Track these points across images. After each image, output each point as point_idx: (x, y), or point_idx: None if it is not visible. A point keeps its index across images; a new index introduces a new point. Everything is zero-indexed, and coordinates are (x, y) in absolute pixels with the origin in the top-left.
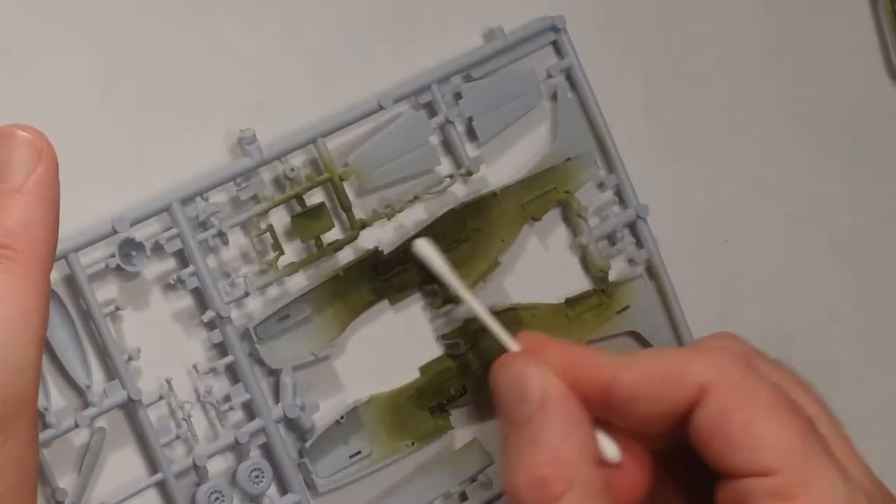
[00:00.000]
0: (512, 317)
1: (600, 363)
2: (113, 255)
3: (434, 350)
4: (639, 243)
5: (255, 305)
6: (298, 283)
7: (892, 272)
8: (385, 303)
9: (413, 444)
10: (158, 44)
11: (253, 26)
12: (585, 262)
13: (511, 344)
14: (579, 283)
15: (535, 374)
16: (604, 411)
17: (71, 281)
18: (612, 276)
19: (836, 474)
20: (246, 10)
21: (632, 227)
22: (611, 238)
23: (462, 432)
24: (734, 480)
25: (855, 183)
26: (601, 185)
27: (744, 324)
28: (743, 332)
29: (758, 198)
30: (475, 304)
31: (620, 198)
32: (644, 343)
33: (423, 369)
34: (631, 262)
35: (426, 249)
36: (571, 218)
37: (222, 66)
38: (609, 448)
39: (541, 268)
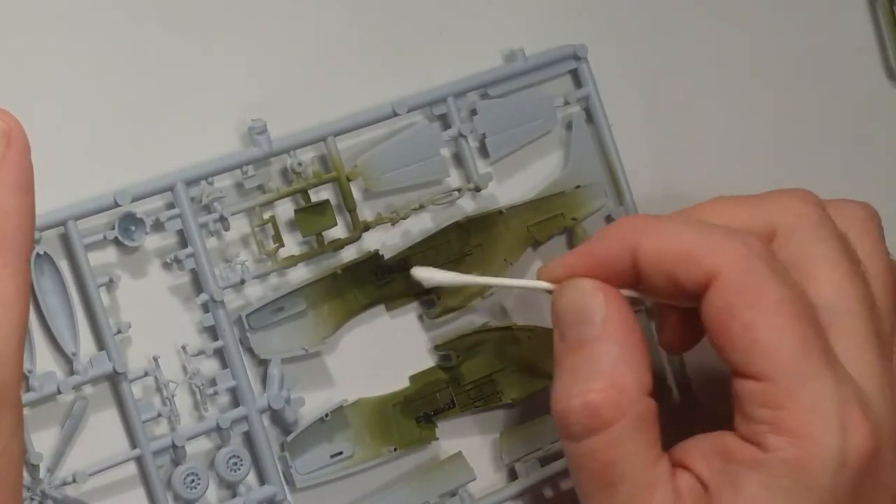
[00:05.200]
0: (508, 336)
1: (623, 237)
2: (112, 228)
3: (426, 360)
4: None
5: (250, 295)
6: (296, 277)
7: None
8: (381, 307)
9: (396, 450)
10: (185, 27)
11: (282, 20)
12: None
13: (546, 285)
14: None
15: (597, 296)
16: (635, 283)
17: (68, 248)
18: None
19: (830, 382)
20: (278, 1)
21: None
22: None
23: (447, 445)
24: (734, 376)
25: (854, 183)
26: (609, 218)
27: None
28: None
29: None
30: (494, 279)
31: None
32: None
33: (414, 378)
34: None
35: (425, 273)
36: (576, 245)
37: (244, 55)
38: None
39: (541, 293)
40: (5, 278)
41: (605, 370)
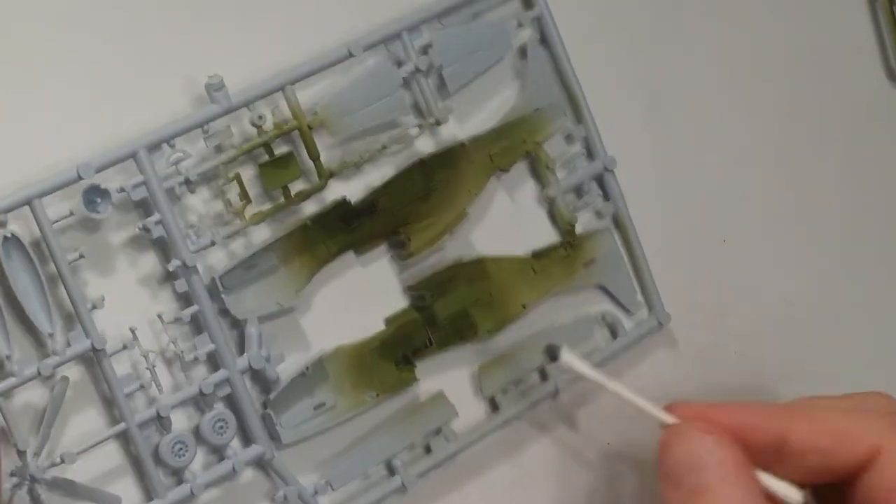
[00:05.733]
0: (478, 268)
1: (771, 416)
2: (79, 203)
3: (400, 302)
4: (605, 196)
5: (219, 258)
6: (264, 234)
7: (892, 271)
8: (351, 255)
9: (377, 395)
10: None
11: None
12: (553, 215)
13: (669, 419)
14: (546, 235)
15: (710, 442)
16: (772, 464)
17: (34, 227)
18: (578, 229)
19: None
20: None
21: (599, 179)
22: (578, 190)
23: (427, 384)
24: None
25: (854, 183)
26: (569, 137)
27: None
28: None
29: (757, 198)
30: (628, 393)
31: (588, 150)
32: (610, 297)
33: (389, 321)
34: (598, 214)
35: (573, 360)
36: (540, 170)
37: (188, 12)
38: (793, 494)
39: (508, 220)
40: None
41: None
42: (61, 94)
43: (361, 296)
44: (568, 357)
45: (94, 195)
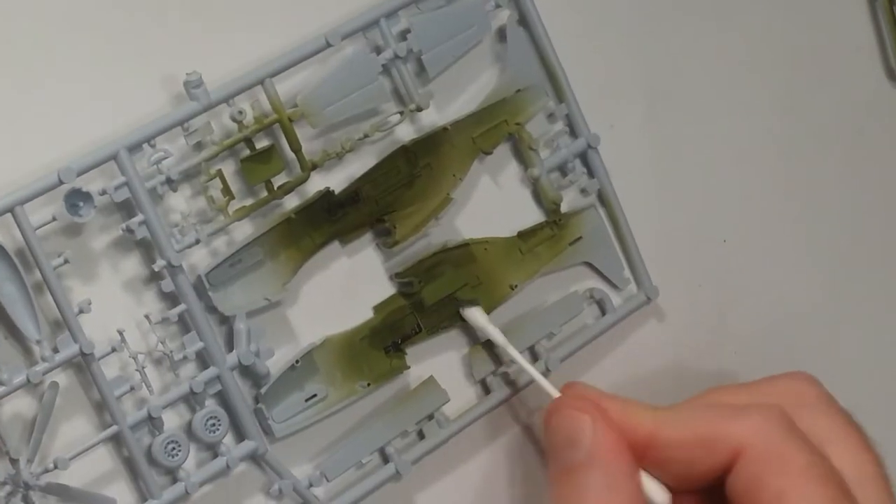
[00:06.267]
0: (465, 253)
1: (638, 419)
2: (61, 208)
3: (387, 289)
4: (590, 173)
5: (202, 255)
6: (248, 230)
7: (892, 271)
8: (336, 245)
9: (369, 384)
10: None
11: None
12: (537, 195)
13: (555, 392)
14: (532, 215)
15: (586, 421)
16: (647, 466)
17: (18, 234)
18: (563, 208)
19: None
20: None
21: (583, 156)
22: (562, 169)
23: (417, 370)
24: None
25: (854, 183)
26: (551, 116)
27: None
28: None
29: (757, 198)
30: (523, 361)
31: (571, 128)
32: (598, 274)
33: (377, 308)
34: (583, 192)
35: (477, 317)
36: (523, 150)
37: (162, 10)
38: (658, 493)
39: (493, 202)
40: None
41: (594, 499)
42: (37, 99)
43: (348, 286)
44: (470, 313)
45: (77, 199)
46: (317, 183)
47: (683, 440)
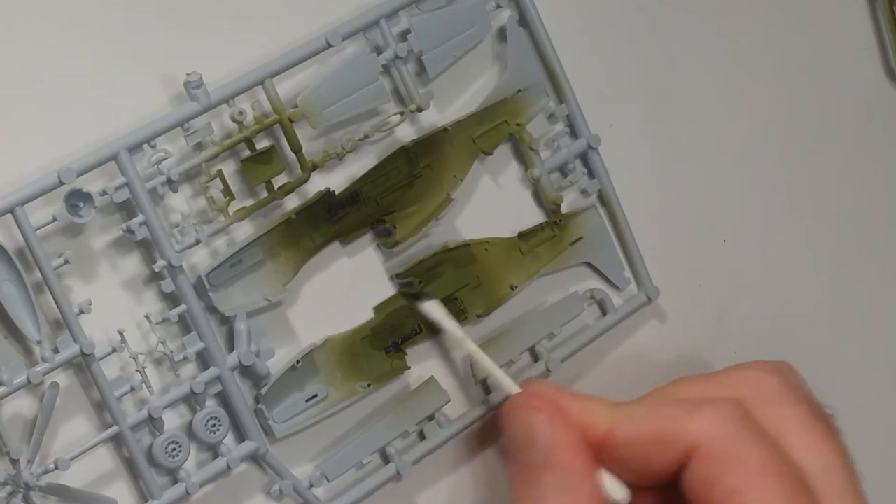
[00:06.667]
0: (465, 253)
1: (595, 417)
2: (61, 208)
3: (388, 289)
4: (590, 173)
5: (203, 256)
6: (248, 230)
7: (892, 271)
8: (337, 246)
9: (369, 385)
10: None
11: None
12: (538, 195)
13: (514, 388)
14: (532, 216)
15: (543, 420)
16: (606, 463)
17: (18, 234)
18: (564, 208)
19: None
20: None
21: (583, 157)
22: (563, 169)
23: (418, 371)
24: None
25: (854, 183)
26: (552, 117)
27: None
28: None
29: (756, 198)
30: (481, 356)
31: (571, 128)
32: (598, 274)
33: (378, 309)
34: (583, 192)
35: (432, 309)
36: (523, 151)
37: (162, 11)
38: (617, 490)
39: (493, 202)
40: None
41: (551, 499)
42: (38, 100)
43: (349, 286)
44: (426, 307)
45: (77, 199)
46: (317, 183)
47: (639, 438)
